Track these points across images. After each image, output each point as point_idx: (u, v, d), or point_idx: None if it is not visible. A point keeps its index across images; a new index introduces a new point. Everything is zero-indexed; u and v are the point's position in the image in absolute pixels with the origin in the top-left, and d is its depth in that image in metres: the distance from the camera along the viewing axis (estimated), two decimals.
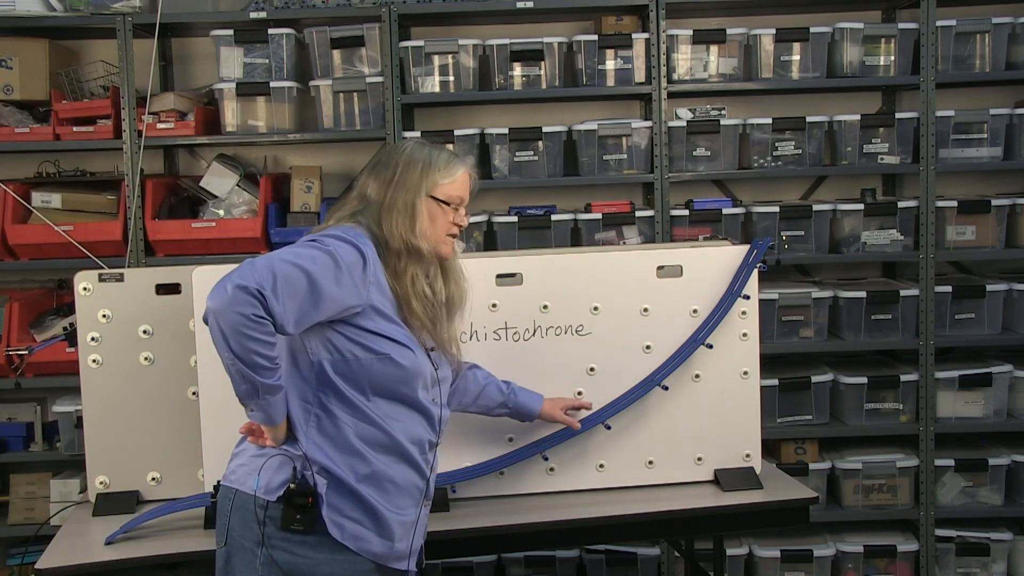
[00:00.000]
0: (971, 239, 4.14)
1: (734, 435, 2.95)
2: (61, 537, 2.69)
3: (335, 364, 2.12)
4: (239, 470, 2.19)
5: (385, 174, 2.23)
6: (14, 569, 4.05)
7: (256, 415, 2.09)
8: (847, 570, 4.09)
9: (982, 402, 4.11)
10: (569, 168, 4.11)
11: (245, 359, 1.97)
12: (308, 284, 2.00)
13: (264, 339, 1.97)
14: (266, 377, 2.01)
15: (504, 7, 4.03)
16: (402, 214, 2.19)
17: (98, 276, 2.85)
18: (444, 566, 4.06)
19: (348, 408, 2.13)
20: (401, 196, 2.20)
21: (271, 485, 2.12)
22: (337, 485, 2.12)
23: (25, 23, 3.98)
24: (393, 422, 2.17)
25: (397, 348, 2.15)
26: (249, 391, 2.03)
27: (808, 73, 4.09)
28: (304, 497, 2.09)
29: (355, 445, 2.13)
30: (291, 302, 1.98)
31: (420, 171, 2.23)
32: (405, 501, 2.21)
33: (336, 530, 2.11)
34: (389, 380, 2.15)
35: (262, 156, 4.43)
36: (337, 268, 2.05)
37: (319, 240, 2.11)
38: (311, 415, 2.13)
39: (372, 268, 2.13)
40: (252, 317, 1.93)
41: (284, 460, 2.13)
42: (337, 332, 2.12)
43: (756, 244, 2.93)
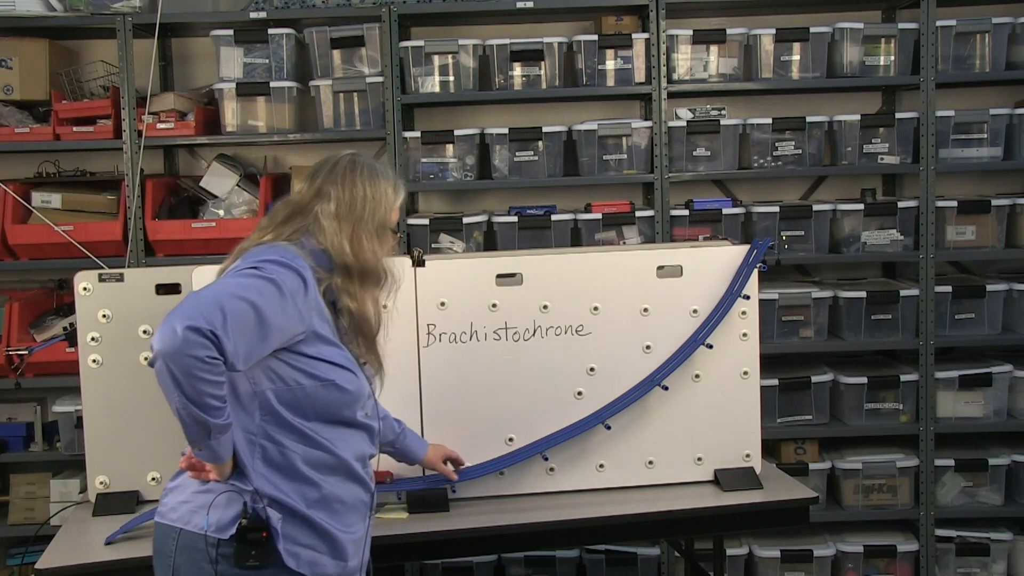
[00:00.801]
0: (971, 239, 4.14)
1: (734, 435, 2.95)
2: (61, 537, 2.69)
3: (279, 393, 2.05)
4: (181, 508, 2.09)
5: (351, 196, 2.16)
6: (14, 569, 4.05)
7: (204, 454, 2.00)
8: (847, 570, 4.09)
9: (982, 402, 4.11)
10: (569, 168, 4.11)
11: (198, 402, 1.87)
12: (256, 318, 1.92)
13: (216, 379, 1.88)
14: (218, 417, 1.92)
15: (504, 7, 4.03)
16: (375, 238, 2.15)
17: (98, 276, 2.84)
18: (444, 566, 4.06)
19: (293, 435, 2.07)
20: (373, 220, 2.16)
21: (222, 522, 2.03)
22: (290, 515, 2.06)
23: (25, 23, 3.98)
24: (339, 442, 2.12)
25: (341, 372, 2.10)
26: (200, 433, 1.93)
27: (808, 73, 4.09)
28: (257, 532, 2.02)
29: (303, 471, 2.07)
30: (241, 338, 1.90)
31: (384, 198, 2.19)
32: (353, 518, 2.16)
33: (292, 560, 2.05)
34: (333, 405, 2.10)
35: (262, 156, 4.43)
36: (281, 297, 1.98)
37: (260, 268, 2.00)
38: (256, 446, 2.06)
39: (312, 292, 2.07)
40: (206, 359, 1.84)
41: (232, 495, 2.05)
42: (280, 361, 2.05)
43: (756, 244, 2.93)
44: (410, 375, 2.84)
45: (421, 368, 2.85)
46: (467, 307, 2.85)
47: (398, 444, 2.61)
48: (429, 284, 2.84)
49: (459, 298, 2.85)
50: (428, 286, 2.84)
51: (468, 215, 4.07)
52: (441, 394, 2.86)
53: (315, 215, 2.15)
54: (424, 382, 2.85)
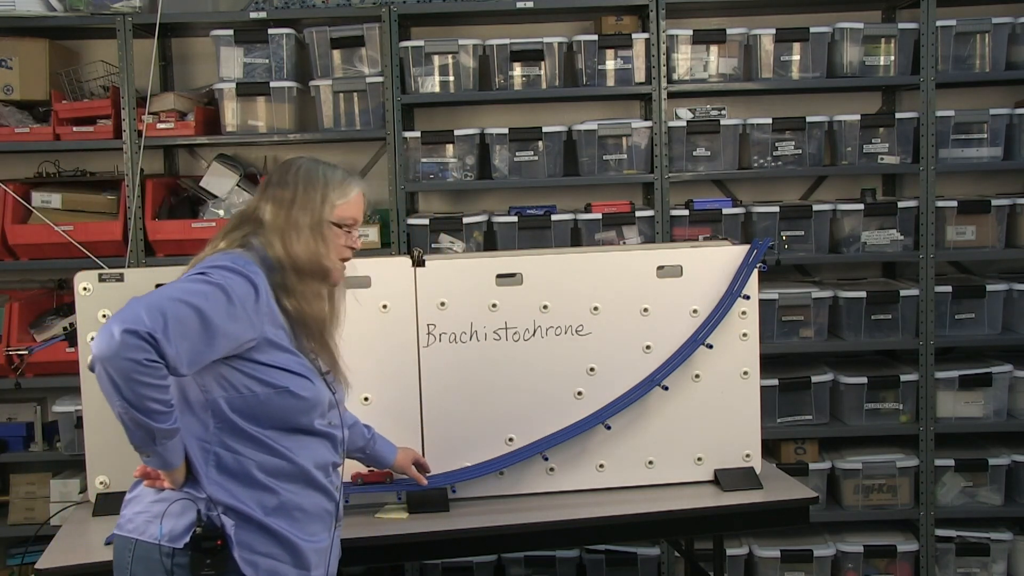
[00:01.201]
0: (971, 239, 4.14)
1: (734, 435, 2.95)
2: (61, 537, 2.69)
3: (231, 401, 2.04)
4: (136, 518, 2.08)
5: (283, 195, 2.15)
6: (14, 569, 4.05)
7: (152, 460, 1.98)
8: (847, 570, 4.09)
9: (982, 402, 4.11)
10: (569, 168, 4.11)
11: (139, 406, 1.86)
12: (200, 322, 1.91)
13: (158, 383, 1.87)
14: (162, 422, 1.90)
15: (504, 7, 4.03)
16: (308, 235, 2.12)
17: (98, 276, 2.84)
18: (444, 566, 4.06)
19: (248, 442, 2.05)
20: (305, 217, 2.13)
21: (176, 531, 2.02)
22: (245, 522, 2.03)
23: (25, 23, 3.98)
24: (298, 450, 2.10)
25: (295, 379, 2.08)
26: (145, 438, 1.92)
27: (808, 73, 4.08)
28: (212, 540, 2.00)
29: (259, 479, 2.05)
30: (183, 342, 1.88)
31: (320, 191, 2.15)
32: (317, 527, 2.14)
33: (250, 568, 2.03)
34: (288, 412, 2.08)
35: (262, 156, 4.43)
36: (229, 303, 1.96)
37: (208, 274, 2.00)
38: (210, 454, 2.04)
39: (265, 298, 2.05)
40: (144, 362, 1.83)
41: (187, 503, 2.03)
42: (232, 368, 2.03)
43: (756, 244, 2.93)
44: (410, 375, 2.84)
45: (421, 368, 2.85)
46: (467, 307, 2.85)
47: (368, 450, 2.61)
48: (429, 284, 2.84)
49: (459, 298, 2.85)
50: (428, 286, 2.84)
51: (468, 215, 4.07)
52: (441, 394, 2.86)
53: (259, 219, 2.15)
54: (424, 382, 2.85)
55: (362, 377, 2.59)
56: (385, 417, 2.75)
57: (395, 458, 2.67)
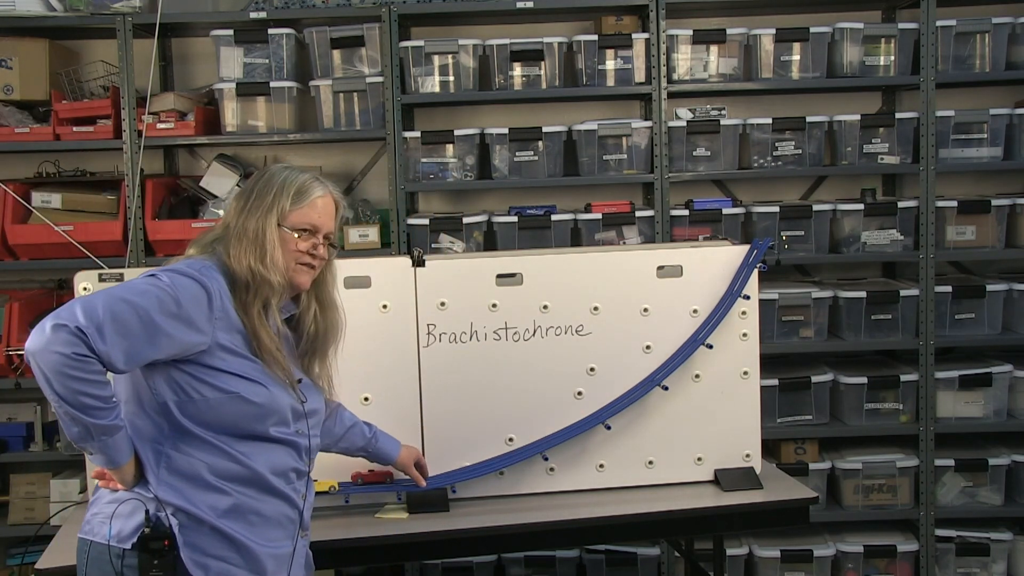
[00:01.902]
0: (971, 239, 4.14)
1: (734, 435, 2.95)
2: (61, 537, 2.69)
3: (181, 405, 2.02)
4: (92, 520, 2.07)
5: (239, 202, 2.14)
6: (14, 569, 4.05)
7: (96, 458, 1.97)
8: (847, 570, 4.09)
9: (982, 402, 4.11)
10: (569, 168, 4.11)
11: (71, 400, 1.85)
12: (139, 320, 1.90)
13: (90, 378, 1.85)
14: (98, 418, 1.89)
15: (504, 7, 4.03)
16: (251, 243, 2.08)
17: (98, 276, 2.84)
18: (444, 566, 4.06)
19: (200, 445, 2.03)
20: (251, 224, 2.09)
21: (124, 532, 2.01)
22: (196, 524, 2.01)
23: (25, 23, 3.98)
24: (253, 454, 2.07)
25: (247, 385, 2.05)
26: (82, 433, 1.91)
27: (808, 73, 4.08)
28: (160, 541, 1.98)
29: (211, 481, 2.03)
30: (119, 339, 1.87)
31: (272, 197, 2.11)
32: (276, 533, 2.11)
33: (199, 570, 2.01)
34: (241, 418, 2.05)
35: (262, 156, 4.43)
36: (176, 304, 1.95)
37: (157, 276, 2.00)
38: (161, 455, 2.02)
39: (219, 303, 2.03)
40: (73, 356, 1.83)
41: (136, 504, 2.01)
42: (182, 371, 2.01)
43: (756, 244, 2.93)
44: (410, 375, 2.84)
45: (421, 368, 2.85)
46: (467, 307, 2.85)
47: (371, 448, 2.61)
48: (429, 284, 2.84)
49: (459, 298, 2.85)
50: (428, 286, 2.84)
51: (468, 215, 4.07)
52: (441, 394, 2.86)
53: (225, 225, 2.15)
54: (424, 382, 2.85)
55: (362, 377, 2.61)
56: (385, 417, 2.74)
57: (398, 455, 2.66)
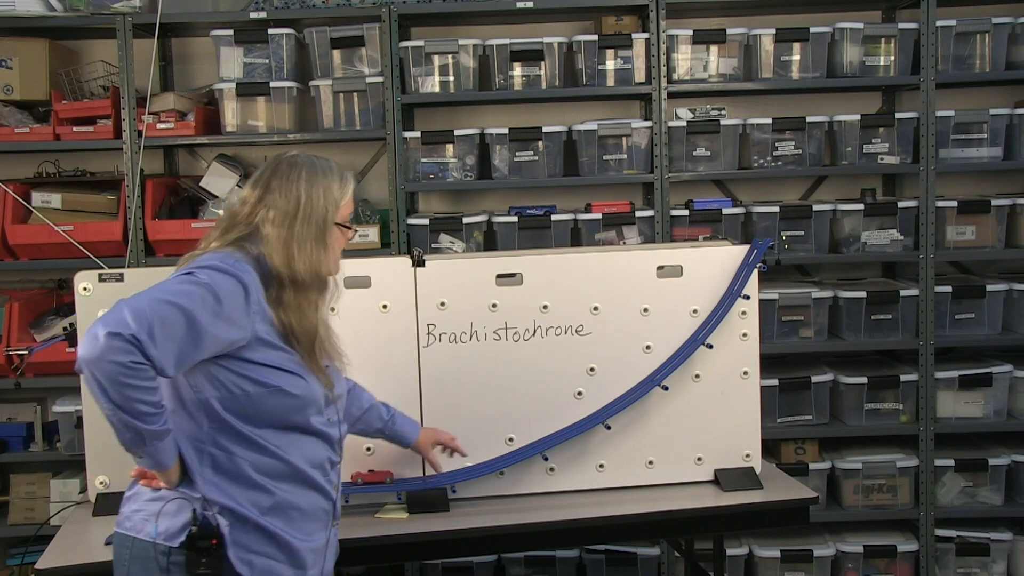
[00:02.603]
0: (971, 239, 4.14)
1: (734, 435, 2.95)
2: (61, 537, 2.69)
3: (223, 400, 2.03)
4: (134, 516, 2.08)
5: (285, 206, 2.10)
6: (14, 569, 4.05)
7: (144, 461, 1.99)
8: (847, 570, 4.09)
9: (982, 402, 4.11)
10: (569, 168, 4.11)
11: (127, 408, 1.86)
12: (186, 323, 1.90)
13: (145, 385, 1.86)
14: (151, 423, 1.90)
15: (504, 7, 4.03)
16: (311, 247, 2.10)
17: (98, 276, 2.84)
18: (444, 566, 4.06)
19: (242, 442, 2.05)
20: (310, 230, 2.10)
21: (171, 530, 2.03)
22: (241, 522, 2.04)
23: (25, 23, 3.98)
24: (291, 449, 2.09)
25: (288, 378, 2.07)
26: (135, 439, 1.92)
27: (808, 73, 4.08)
28: (207, 539, 2.00)
29: (254, 478, 2.05)
30: (169, 344, 1.88)
31: (323, 199, 2.12)
32: (313, 526, 2.14)
33: (245, 568, 2.04)
34: (281, 411, 2.07)
35: (262, 156, 4.43)
36: (217, 303, 1.95)
37: (194, 274, 1.98)
38: (204, 454, 2.04)
39: (255, 297, 2.03)
40: (129, 364, 1.83)
41: (182, 503, 2.04)
42: (223, 368, 2.02)
43: (756, 244, 2.93)
44: (410, 375, 2.84)
45: (421, 368, 2.85)
46: (467, 307, 2.85)
47: (387, 431, 2.61)
48: (429, 284, 2.84)
49: (459, 298, 2.85)
50: (428, 286, 2.84)
51: (468, 215, 4.07)
52: (441, 394, 2.86)
53: (256, 224, 2.12)
54: (424, 382, 2.85)
55: (362, 377, 2.60)
56: None
57: (416, 438, 2.66)
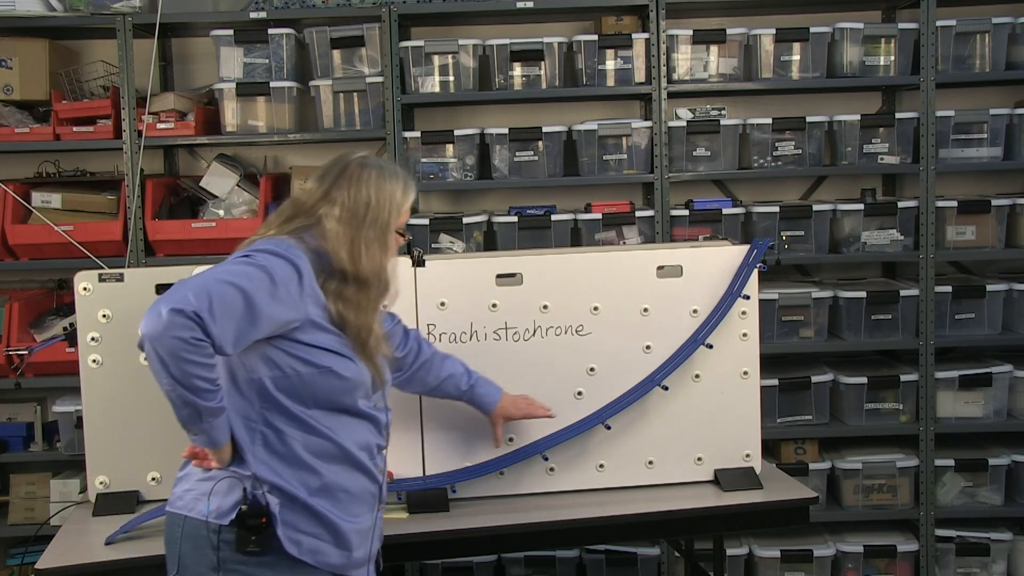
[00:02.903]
0: (971, 239, 4.14)
1: (734, 435, 2.95)
2: (61, 537, 2.69)
3: (276, 380, 2.08)
4: (186, 495, 2.13)
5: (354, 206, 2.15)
6: (14, 569, 4.05)
7: (199, 439, 2.04)
8: (847, 570, 4.09)
9: (982, 402, 4.11)
10: (569, 168, 4.11)
11: (186, 383, 1.92)
12: (244, 302, 1.96)
13: (204, 362, 1.92)
14: (208, 400, 1.96)
15: (504, 7, 4.03)
16: (376, 249, 2.15)
17: (98, 276, 2.84)
18: (444, 566, 4.06)
19: (293, 422, 2.10)
20: (374, 232, 2.15)
21: (222, 508, 2.07)
22: (290, 501, 2.08)
23: (25, 23, 3.98)
24: (340, 430, 2.14)
25: (337, 359, 2.11)
26: (192, 416, 1.97)
27: (808, 73, 4.08)
28: (257, 518, 2.05)
29: (304, 459, 2.10)
30: (228, 322, 1.93)
31: (388, 203, 2.18)
32: (359, 508, 2.18)
33: (293, 547, 2.07)
34: (332, 392, 2.11)
35: (262, 156, 4.43)
36: (273, 284, 2.00)
37: (252, 256, 2.05)
38: (256, 433, 2.09)
39: (308, 281, 2.08)
40: (190, 340, 1.88)
41: (233, 482, 2.09)
42: (276, 348, 2.07)
43: (756, 244, 2.93)
44: None
45: None
46: (467, 307, 2.85)
47: (466, 400, 2.67)
48: (429, 284, 2.84)
49: (459, 298, 2.85)
50: (428, 286, 2.84)
51: (468, 215, 4.07)
52: None
53: (319, 217, 2.16)
54: None
55: None
56: None
57: (494, 408, 2.70)
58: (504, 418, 2.73)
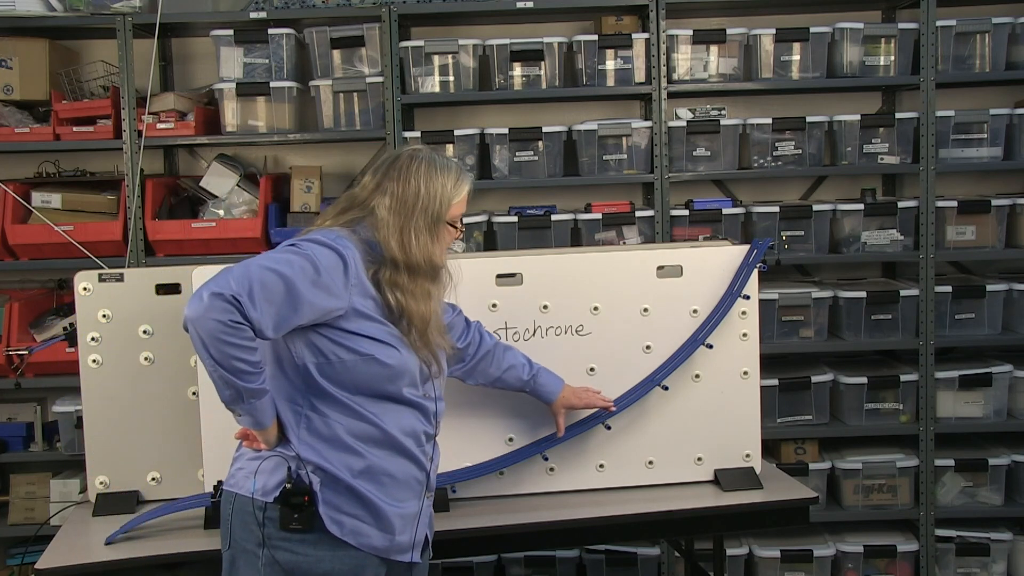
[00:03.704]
0: (971, 239, 4.14)
1: (734, 435, 2.95)
2: (61, 537, 2.69)
3: (320, 367, 2.14)
4: (237, 474, 2.21)
5: (403, 195, 2.21)
6: (14, 569, 4.05)
7: (244, 419, 2.11)
8: (847, 570, 4.09)
9: (982, 402, 4.11)
10: (569, 168, 4.11)
11: (226, 365, 1.99)
12: (285, 288, 2.02)
13: (243, 344, 1.99)
14: (249, 381, 2.03)
15: (504, 7, 4.03)
16: (426, 237, 2.21)
17: (98, 276, 2.84)
18: (444, 566, 4.06)
19: (338, 407, 2.15)
20: (424, 220, 2.21)
21: (267, 487, 2.14)
22: (333, 482, 2.13)
23: (25, 23, 3.98)
24: (385, 416, 2.18)
25: (381, 347, 2.16)
26: (233, 396, 2.05)
27: (808, 73, 4.09)
28: (300, 496, 2.11)
29: (348, 442, 2.15)
30: (268, 307, 2.00)
31: (439, 192, 2.23)
32: (404, 494, 2.22)
33: (335, 527, 2.13)
34: (375, 379, 2.16)
35: (262, 156, 4.43)
36: (316, 272, 2.06)
37: (298, 245, 2.12)
38: (301, 416, 2.15)
39: (354, 270, 2.14)
40: (229, 323, 1.96)
41: (279, 461, 2.15)
42: (320, 335, 2.13)
43: (756, 244, 2.93)
44: None
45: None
46: (467, 307, 2.84)
47: (528, 391, 2.68)
48: None
49: (459, 298, 2.83)
50: None
51: (468, 215, 4.07)
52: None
53: (372, 208, 2.22)
54: None
55: None
56: None
57: (556, 399, 2.70)
58: (566, 407, 2.74)
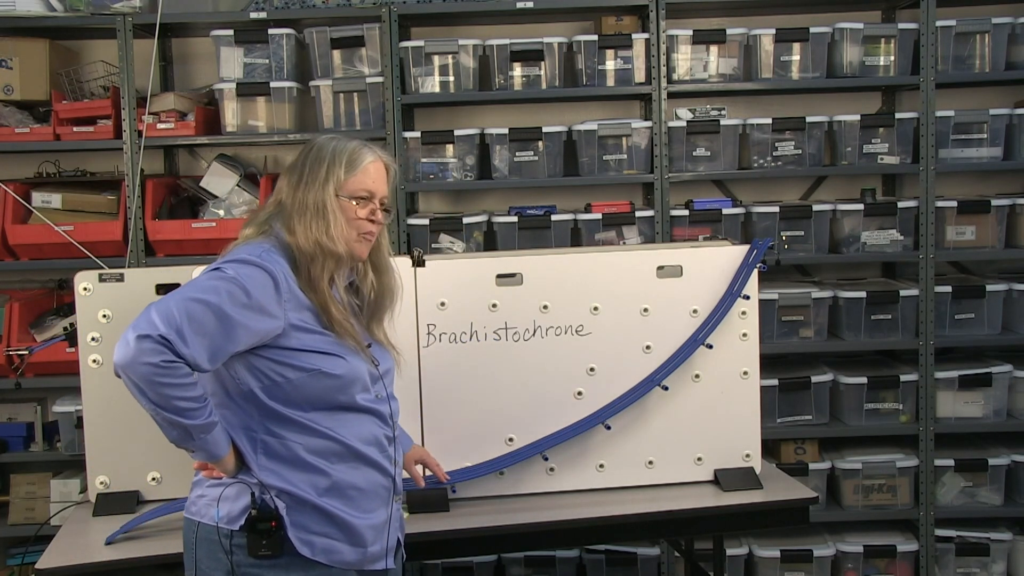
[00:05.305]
0: (971, 239, 4.14)
1: (734, 435, 2.95)
2: (61, 537, 2.69)
3: (267, 389, 2.07)
4: (199, 502, 2.15)
5: (292, 176, 2.15)
6: (14, 569, 4.05)
7: (198, 455, 2.04)
8: (847, 570, 4.09)
9: (982, 402, 4.11)
10: (569, 168, 4.11)
11: (166, 406, 1.92)
12: (215, 317, 1.95)
13: (181, 382, 1.92)
14: (194, 418, 1.95)
15: (504, 7, 4.03)
16: (313, 216, 2.10)
17: (98, 276, 2.85)
18: (444, 566, 4.06)
19: (293, 427, 2.09)
20: (311, 196, 2.11)
21: (232, 513, 2.09)
22: (299, 504, 2.08)
23: (25, 23, 3.98)
24: (342, 429, 2.12)
25: (326, 359, 2.09)
26: (182, 435, 1.98)
27: (808, 73, 4.08)
28: (267, 522, 2.06)
29: (309, 461, 2.09)
30: (200, 339, 1.93)
31: (325, 169, 2.12)
32: (372, 503, 2.17)
33: (306, 548, 2.08)
34: (326, 392, 2.10)
35: (262, 156, 4.43)
36: (246, 295, 1.99)
37: (222, 269, 2.03)
38: (257, 442, 2.09)
39: (285, 285, 2.06)
40: (161, 364, 1.89)
41: (241, 488, 2.09)
42: (261, 357, 2.06)
43: (756, 244, 2.93)
44: (410, 375, 2.84)
45: (421, 368, 2.85)
46: (467, 307, 2.85)
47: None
48: (429, 284, 2.84)
49: (459, 298, 2.85)
50: (428, 286, 2.84)
51: (468, 215, 4.07)
52: (441, 394, 2.86)
53: (279, 202, 2.17)
54: (424, 382, 2.85)
55: None
56: None
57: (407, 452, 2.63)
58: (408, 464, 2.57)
